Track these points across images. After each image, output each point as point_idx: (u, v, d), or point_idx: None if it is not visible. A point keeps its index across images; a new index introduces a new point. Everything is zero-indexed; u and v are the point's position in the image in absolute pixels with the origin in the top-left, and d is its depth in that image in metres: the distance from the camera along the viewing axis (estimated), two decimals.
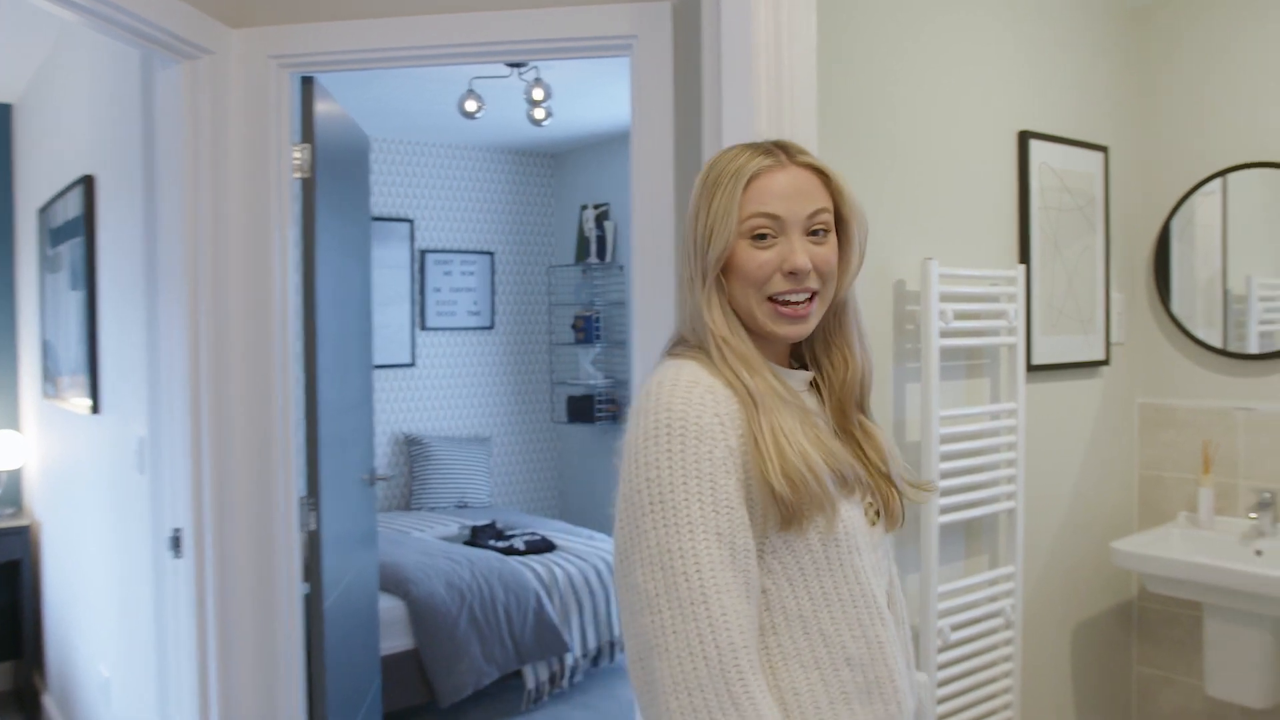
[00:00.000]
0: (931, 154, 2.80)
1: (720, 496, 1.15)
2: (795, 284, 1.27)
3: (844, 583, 1.23)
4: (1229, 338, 3.43)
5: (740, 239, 1.26)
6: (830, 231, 1.31)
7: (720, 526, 1.14)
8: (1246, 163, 3.33)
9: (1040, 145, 3.14)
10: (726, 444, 1.17)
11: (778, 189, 1.27)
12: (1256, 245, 3.39)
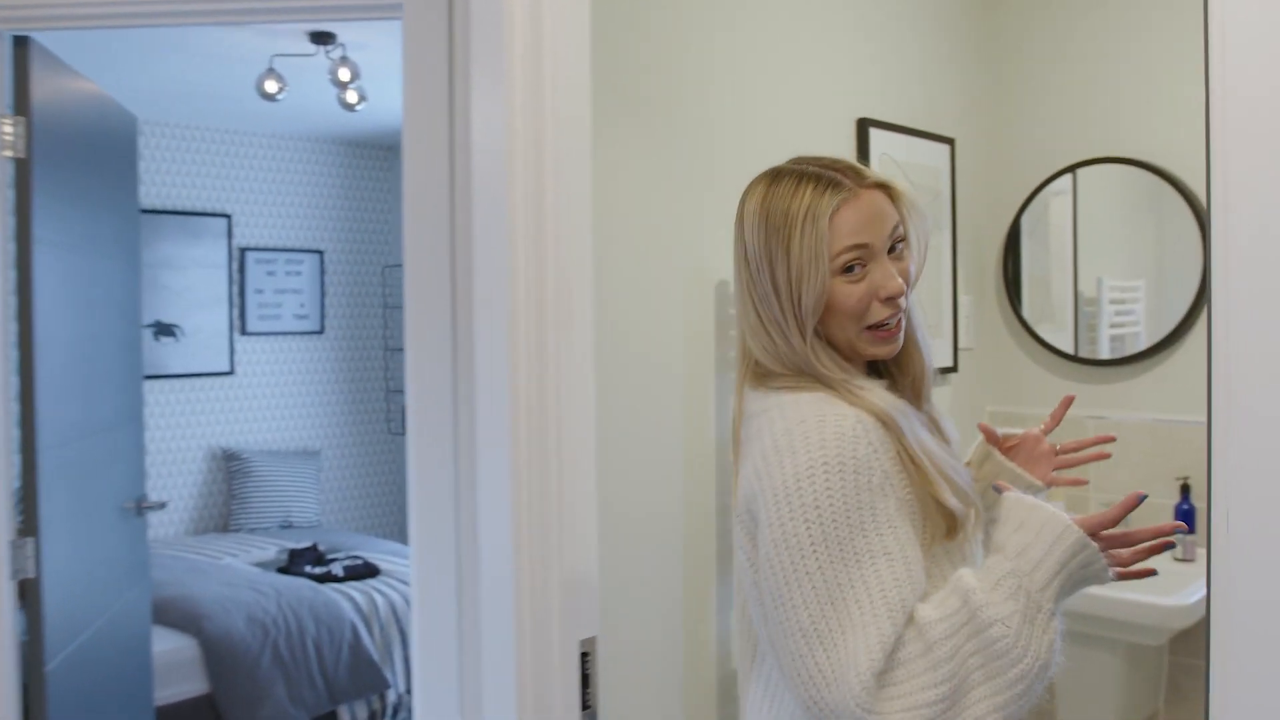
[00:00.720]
0: (759, 142, 2.50)
1: (882, 519, 1.18)
2: (893, 309, 1.28)
3: None
4: (1080, 342, 3.25)
5: (832, 276, 1.26)
6: (905, 243, 1.32)
7: (888, 546, 1.17)
8: (1098, 157, 3.15)
9: (881, 135, 2.88)
10: (882, 470, 1.20)
11: (859, 218, 1.26)
12: (1108, 245, 3.22)
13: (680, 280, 2.32)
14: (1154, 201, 3.06)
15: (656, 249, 2.27)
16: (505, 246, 1.51)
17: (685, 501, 2.33)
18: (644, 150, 2.24)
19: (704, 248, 2.37)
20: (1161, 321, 3.08)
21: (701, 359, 2.37)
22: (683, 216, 2.32)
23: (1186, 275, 3.00)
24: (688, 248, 2.34)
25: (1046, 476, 1.47)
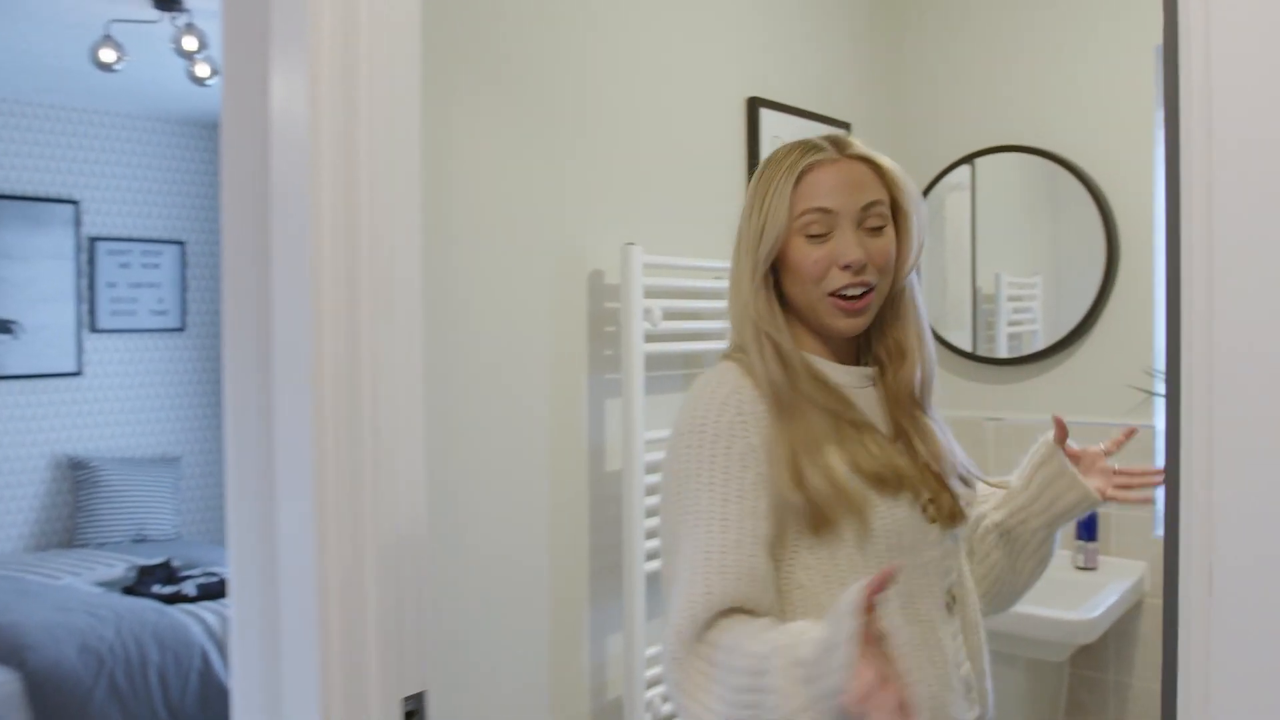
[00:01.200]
0: (638, 120, 2.26)
1: (731, 489, 1.20)
2: (852, 277, 1.25)
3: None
4: (978, 341, 3.09)
5: (794, 235, 1.26)
6: (888, 224, 1.29)
7: (726, 514, 1.19)
8: (997, 146, 3.00)
9: (773, 116, 2.67)
10: (747, 441, 1.21)
11: (829, 183, 1.26)
12: (1006, 240, 3.07)
13: (548, 269, 2.06)
14: (1054, 192, 2.92)
15: (521, 235, 2.01)
16: (306, 233, 1.26)
17: (552, 521, 2.07)
18: (511, 130, 1.97)
19: (577, 234, 2.11)
20: (1062, 319, 2.94)
21: (572, 359, 2.12)
22: (553, 200, 2.06)
23: (1088, 269, 2.87)
24: (558, 233, 2.08)
25: (1104, 491, 1.42)
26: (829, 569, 1.23)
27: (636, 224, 2.26)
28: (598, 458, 2.18)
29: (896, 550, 1.23)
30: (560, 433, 2.09)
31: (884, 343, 1.35)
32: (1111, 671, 2.84)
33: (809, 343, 1.32)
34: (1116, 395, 2.82)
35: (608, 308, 2.20)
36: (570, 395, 2.11)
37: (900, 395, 1.33)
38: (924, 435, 1.33)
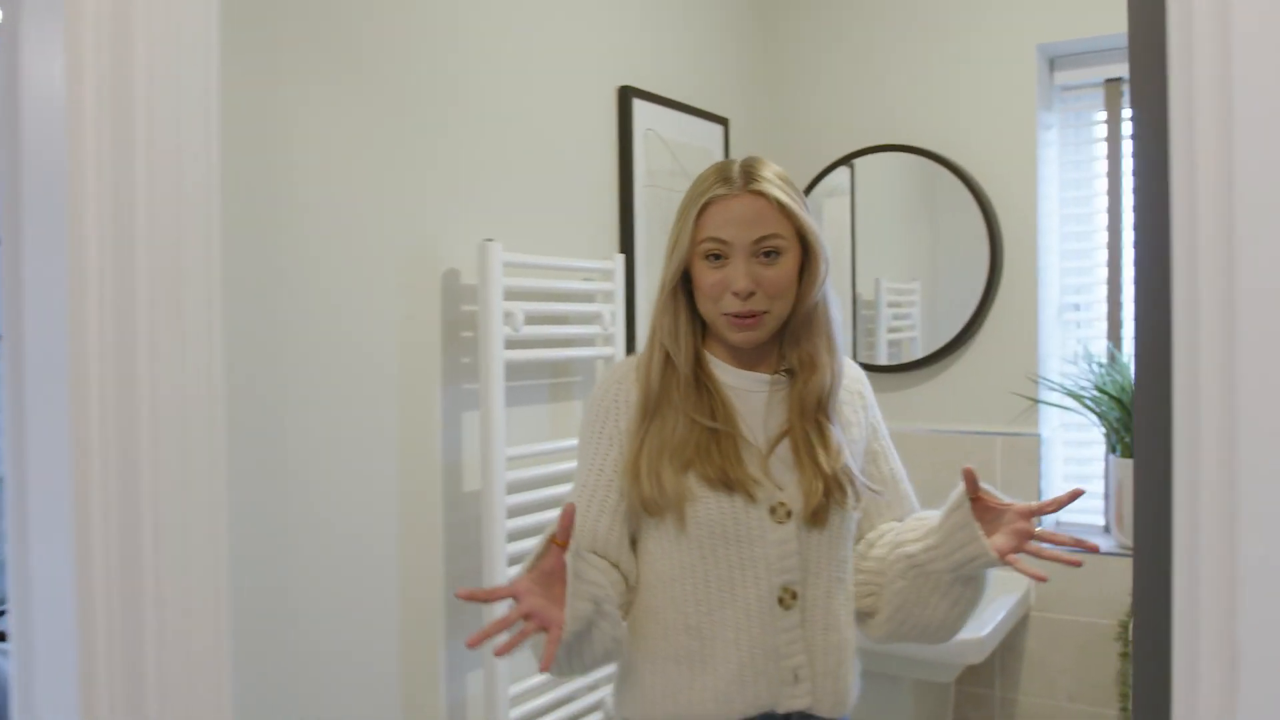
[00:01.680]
0: (500, 107, 2.06)
1: (596, 463, 1.44)
2: (740, 304, 1.37)
3: (701, 564, 1.39)
4: (859, 348, 2.98)
5: (698, 259, 1.40)
6: (782, 254, 1.40)
7: (589, 482, 1.43)
8: (878, 145, 2.90)
9: (646, 107, 2.50)
10: (617, 425, 1.43)
11: (726, 216, 1.38)
12: (886, 245, 2.97)
13: (397, 267, 1.84)
14: (937, 195, 2.84)
15: (367, 228, 1.79)
16: (62, 230, 1.03)
17: (401, 549, 1.85)
18: (359, 115, 1.76)
19: (430, 228, 1.90)
20: (945, 325, 2.85)
21: (424, 367, 1.91)
22: (405, 191, 1.85)
23: (972, 274, 2.78)
24: (409, 227, 1.86)
25: (1005, 552, 1.34)
26: (662, 543, 1.41)
27: (496, 219, 2.06)
28: (453, 477, 1.97)
29: (719, 540, 1.38)
30: (411, 450, 1.87)
31: (797, 353, 1.45)
32: (998, 687, 2.75)
33: (718, 346, 1.47)
34: (1001, 403, 2.74)
35: (464, 311, 1.99)
36: (422, 408, 1.90)
37: (808, 402, 1.43)
38: (824, 441, 1.42)
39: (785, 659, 1.38)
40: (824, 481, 1.38)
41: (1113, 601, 2.59)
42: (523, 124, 2.13)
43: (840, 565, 1.44)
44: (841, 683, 1.42)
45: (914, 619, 1.44)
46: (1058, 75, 2.80)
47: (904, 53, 2.87)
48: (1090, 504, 2.84)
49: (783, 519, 1.38)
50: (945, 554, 1.37)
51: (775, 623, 1.38)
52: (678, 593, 1.39)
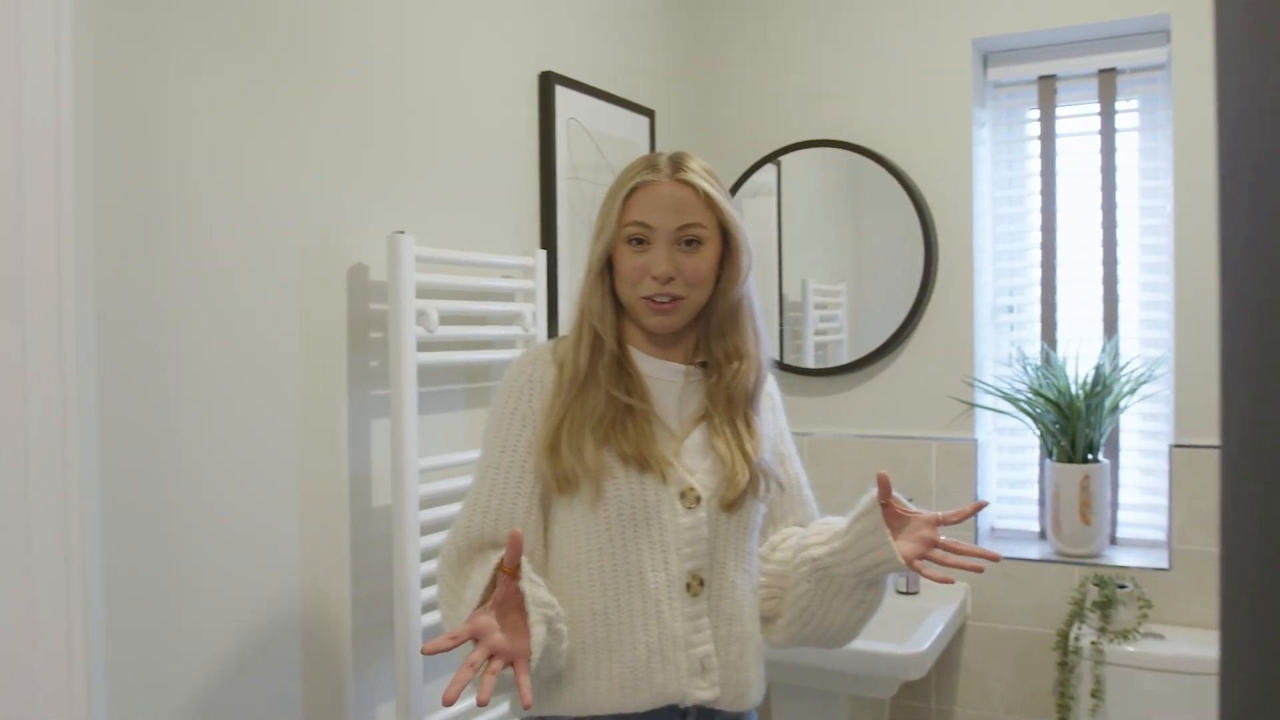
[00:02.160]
0: (412, 90, 1.91)
1: (509, 443, 1.43)
2: (658, 288, 1.40)
3: (610, 547, 1.39)
4: (785, 351, 2.88)
5: (621, 243, 1.42)
6: (704, 244, 1.42)
7: (500, 463, 1.43)
8: (808, 141, 2.80)
9: (570, 95, 2.36)
10: (530, 405, 1.43)
11: (651, 202, 1.41)
12: (812, 245, 2.88)
13: (297, 260, 1.67)
14: (869, 194, 2.75)
15: (263, 217, 1.61)
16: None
17: (304, 571, 1.68)
18: (257, 95, 1.58)
19: (335, 218, 1.74)
20: (880, 326, 2.76)
21: (328, 371, 1.73)
22: (307, 177, 1.68)
23: (906, 274, 2.70)
24: (311, 217, 1.69)
25: (912, 559, 1.39)
26: (571, 525, 1.41)
27: (409, 210, 1.90)
28: (361, 491, 1.80)
29: (628, 521, 1.38)
30: (314, 462, 1.70)
31: (723, 346, 1.47)
32: (933, 700, 2.67)
33: (637, 335, 1.47)
34: (937, 407, 2.67)
35: (373, 310, 1.83)
36: (326, 416, 1.73)
37: (735, 393, 1.45)
38: (750, 430, 1.45)
39: (693, 647, 1.38)
40: (749, 469, 1.41)
41: (1050, 610, 2.52)
42: (438, 108, 1.97)
43: (747, 558, 1.46)
44: (745, 675, 1.43)
45: (816, 622, 1.47)
46: (991, 72, 2.73)
47: (836, 45, 2.78)
48: (1024, 510, 2.78)
49: (692, 504, 1.39)
50: (852, 558, 1.40)
51: (683, 609, 1.38)
52: (585, 578, 1.39)
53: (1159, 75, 2.59)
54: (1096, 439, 2.50)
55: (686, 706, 1.38)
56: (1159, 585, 2.42)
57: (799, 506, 1.56)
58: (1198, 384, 2.39)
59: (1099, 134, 2.67)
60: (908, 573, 1.45)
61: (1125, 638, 2.30)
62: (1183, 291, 2.41)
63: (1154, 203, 2.61)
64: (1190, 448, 2.40)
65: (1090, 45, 2.62)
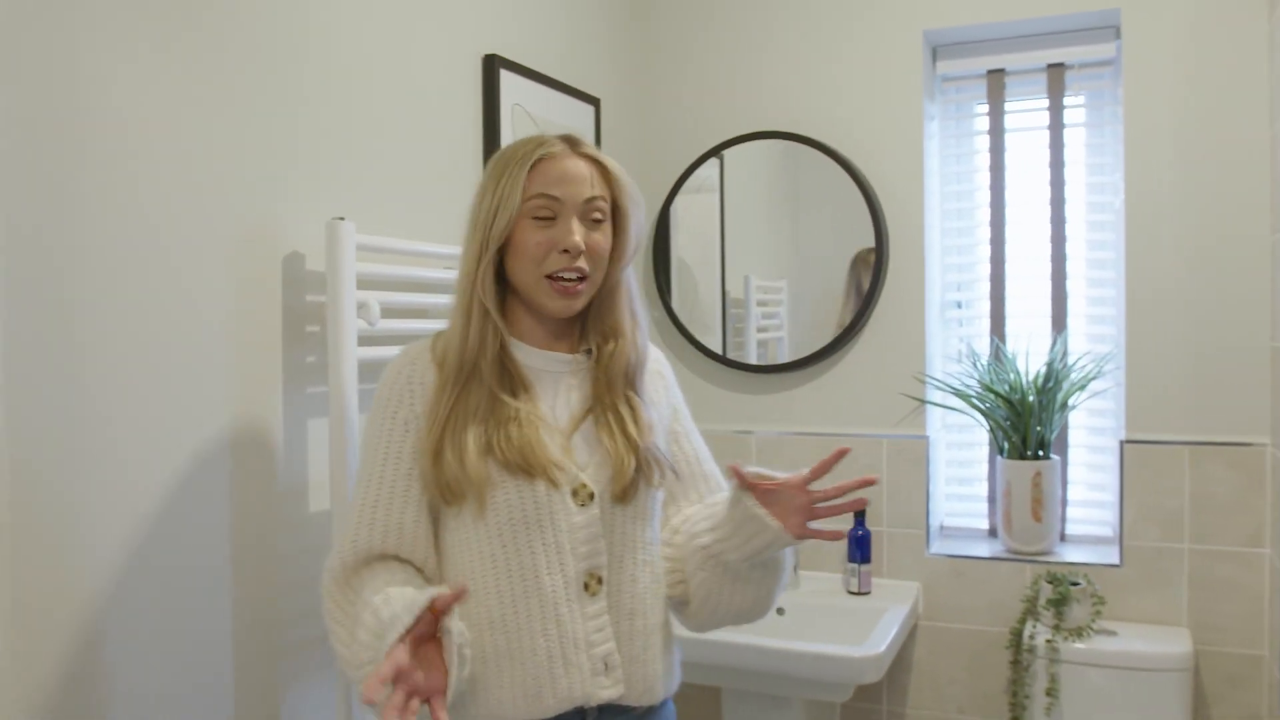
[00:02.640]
0: (352, 68, 1.79)
1: (391, 451, 1.36)
2: (569, 262, 1.35)
3: (503, 553, 1.33)
4: (728, 348, 2.82)
5: (523, 218, 1.35)
6: (606, 220, 1.39)
7: (384, 473, 1.35)
8: (756, 132, 2.73)
9: (515, 80, 2.26)
10: (412, 409, 1.36)
11: (559, 174, 1.35)
12: (754, 239, 2.82)
13: (227, 248, 1.55)
14: (819, 188, 2.69)
15: (191, 199, 1.48)
16: None
17: (236, 587, 1.55)
18: (189, 74, 1.45)
19: (270, 206, 1.61)
20: (826, 322, 2.71)
21: (261, 368, 1.61)
22: (239, 157, 1.55)
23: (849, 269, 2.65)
24: (242, 200, 1.57)
25: (800, 529, 1.36)
26: (461, 534, 1.35)
27: (348, 196, 1.78)
28: (297, 496, 1.68)
29: (520, 527, 1.33)
30: (246, 465, 1.57)
31: (600, 328, 1.43)
32: (885, 702, 2.63)
33: (523, 326, 1.42)
34: (888, 403, 2.62)
35: (310, 302, 1.71)
36: (258, 416, 1.60)
37: (614, 375, 1.41)
38: (634, 415, 1.41)
39: (594, 647, 1.35)
40: (635, 456, 1.38)
41: (1003, 608, 2.49)
42: (378, 88, 1.86)
43: (647, 548, 1.42)
44: (650, 669, 1.40)
45: (724, 606, 1.45)
46: (940, 65, 2.70)
47: (786, 36, 2.72)
48: (974, 507, 2.76)
49: (585, 501, 1.36)
50: (738, 544, 1.38)
51: (583, 609, 1.35)
52: (480, 586, 1.34)
53: (1106, 71, 2.59)
54: (1048, 435, 2.48)
55: (590, 708, 1.35)
56: (1110, 581, 2.41)
57: (700, 483, 1.53)
58: (1149, 380, 2.39)
59: (1047, 129, 2.65)
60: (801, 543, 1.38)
61: (1079, 635, 2.28)
62: (1134, 288, 2.40)
63: (1100, 198, 2.60)
64: (1141, 443, 2.39)
65: (1039, 40, 2.60)
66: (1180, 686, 2.21)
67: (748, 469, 1.35)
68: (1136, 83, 2.39)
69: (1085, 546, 2.58)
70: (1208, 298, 2.34)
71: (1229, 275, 2.32)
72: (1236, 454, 2.31)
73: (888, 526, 2.62)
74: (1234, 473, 2.31)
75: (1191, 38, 2.34)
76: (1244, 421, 2.31)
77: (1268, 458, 2.29)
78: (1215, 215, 2.33)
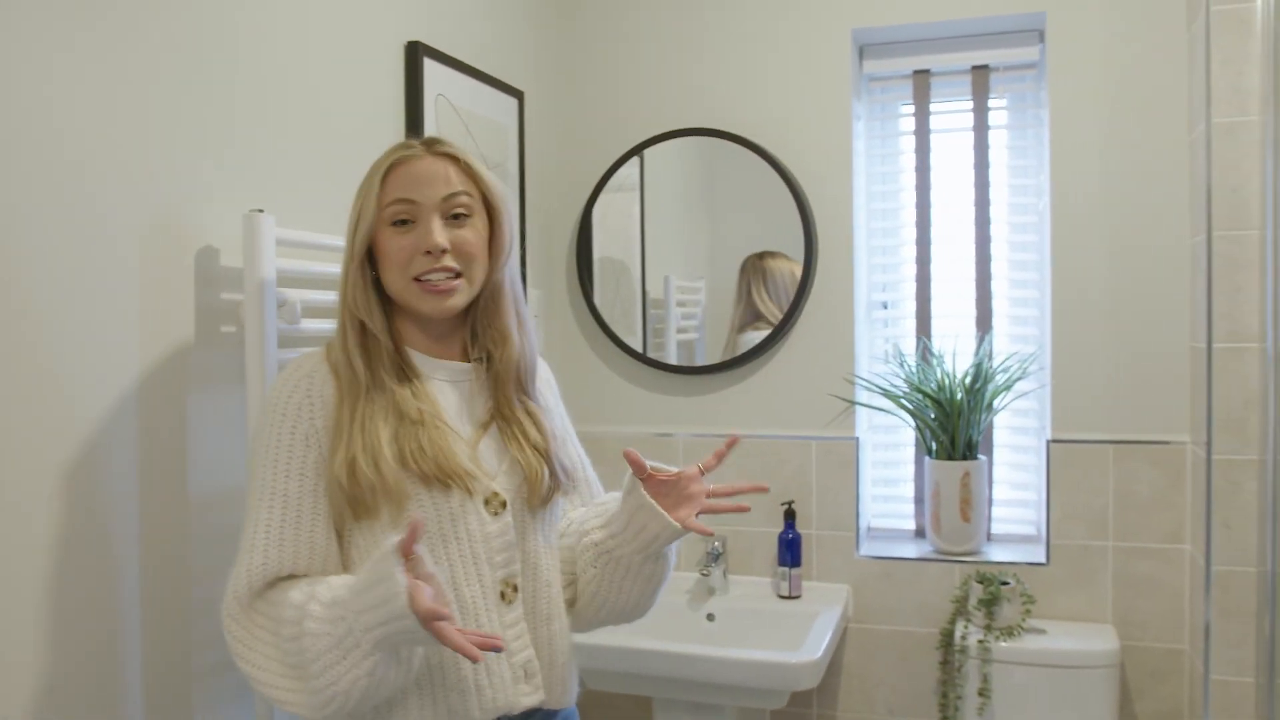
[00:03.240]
0: (261, 53, 1.68)
1: (294, 467, 1.28)
2: (433, 263, 1.32)
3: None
4: (648, 348, 2.76)
5: (383, 226, 1.33)
6: (472, 215, 1.37)
7: (288, 490, 1.27)
8: (684, 129, 2.68)
9: (439, 70, 2.17)
10: (312, 424, 1.29)
11: (412, 177, 1.34)
12: (673, 238, 2.77)
13: (133, 241, 1.42)
14: (747, 187, 2.65)
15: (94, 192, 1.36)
16: None
17: (145, 606, 1.43)
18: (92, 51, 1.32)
19: (181, 195, 1.49)
20: None
21: (171, 370, 1.49)
22: (149, 149, 1.44)
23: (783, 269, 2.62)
24: (153, 193, 1.45)
25: (687, 521, 1.37)
26: (371, 550, 1.28)
27: (266, 187, 1.67)
28: (210, 506, 1.56)
29: (435, 535, 1.29)
30: (154, 475, 1.46)
31: (489, 333, 1.42)
32: (815, 706, 2.60)
33: (411, 334, 1.39)
34: (818, 405, 2.60)
35: (225, 300, 1.59)
36: (169, 422, 1.49)
37: (505, 380, 1.40)
38: (537, 425, 1.42)
39: (514, 655, 1.35)
40: (548, 465, 1.39)
41: (932, 609, 2.49)
42: (297, 72, 1.75)
43: (553, 552, 1.44)
44: (567, 672, 1.42)
45: (610, 604, 1.46)
46: (866, 65, 2.69)
47: (713, 32, 2.67)
48: (898, 508, 2.76)
49: (498, 510, 1.35)
50: (630, 537, 1.39)
51: (501, 618, 1.34)
52: None
53: (1029, 74, 2.61)
54: (975, 436, 2.49)
55: (513, 716, 1.34)
56: (1037, 580, 2.42)
57: (583, 487, 1.54)
58: (1074, 380, 2.41)
59: (972, 130, 2.67)
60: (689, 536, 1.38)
61: (1010, 634, 2.29)
62: (1059, 291, 2.42)
63: (1023, 200, 2.63)
64: (1067, 443, 2.41)
65: (964, 41, 2.61)
66: (1109, 682, 2.24)
67: (649, 463, 1.37)
68: (1062, 86, 2.41)
69: (1010, 546, 2.60)
70: (1130, 300, 2.38)
71: (1150, 278, 2.36)
72: (1158, 452, 2.35)
73: (817, 529, 2.59)
74: (1156, 471, 2.35)
75: (1115, 43, 2.37)
76: (1165, 421, 2.35)
77: (1188, 456, 2.33)
78: (1137, 219, 2.37)
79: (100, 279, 1.37)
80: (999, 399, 2.51)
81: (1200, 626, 2.19)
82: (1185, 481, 2.34)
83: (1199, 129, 2.20)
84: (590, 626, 1.50)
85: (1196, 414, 2.27)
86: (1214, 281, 2.12)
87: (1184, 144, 2.33)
